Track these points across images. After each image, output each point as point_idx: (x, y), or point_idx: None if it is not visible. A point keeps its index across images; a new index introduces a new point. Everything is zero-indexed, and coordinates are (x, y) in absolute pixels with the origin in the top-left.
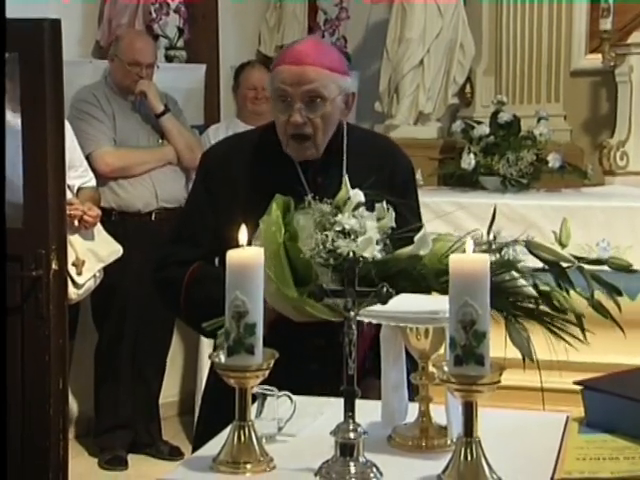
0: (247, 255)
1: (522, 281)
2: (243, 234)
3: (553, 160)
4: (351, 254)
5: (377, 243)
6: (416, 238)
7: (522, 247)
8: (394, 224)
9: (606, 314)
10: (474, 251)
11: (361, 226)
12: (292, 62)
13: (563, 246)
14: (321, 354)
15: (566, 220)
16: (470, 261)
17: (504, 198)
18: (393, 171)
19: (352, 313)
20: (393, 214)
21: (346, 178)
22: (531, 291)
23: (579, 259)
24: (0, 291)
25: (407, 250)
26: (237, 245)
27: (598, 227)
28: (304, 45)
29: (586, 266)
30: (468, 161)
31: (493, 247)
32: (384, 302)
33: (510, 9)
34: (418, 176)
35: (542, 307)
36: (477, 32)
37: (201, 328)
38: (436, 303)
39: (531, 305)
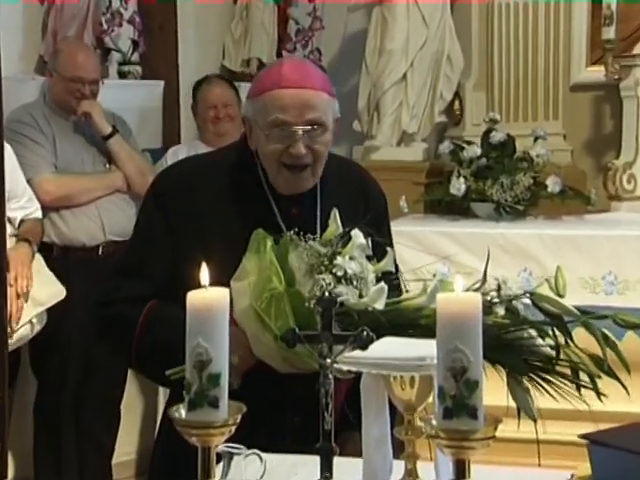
0: (210, 297)
1: (539, 340)
2: (204, 273)
3: (552, 184)
4: (350, 300)
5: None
6: (429, 290)
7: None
8: (393, 268)
9: (617, 378)
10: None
11: (362, 270)
12: (290, 85)
13: (560, 297)
14: (303, 405)
15: (560, 268)
16: (460, 301)
17: (498, 227)
18: (367, 203)
19: (328, 360)
20: (392, 255)
21: (336, 212)
22: (549, 351)
23: (584, 313)
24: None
25: (416, 302)
26: (198, 285)
27: (604, 258)
28: (294, 65)
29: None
30: (458, 186)
31: (501, 299)
32: (364, 347)
33: (502, 17)
34: (402, 203)
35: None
36: (466, 43)
37: (156, 377)
38: (423, 348)
39: (547, 366)
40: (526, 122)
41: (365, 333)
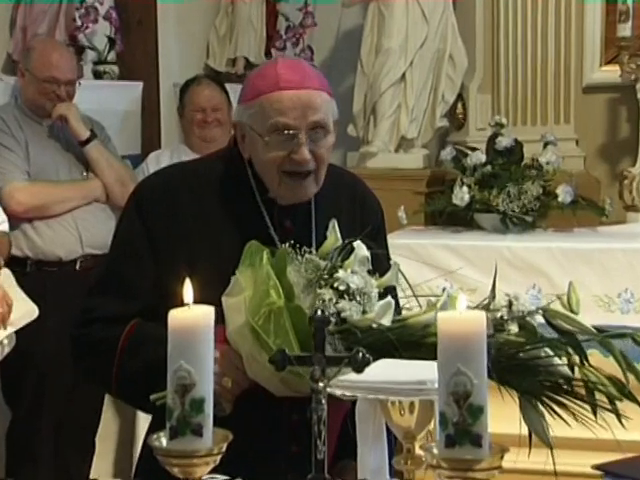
0: (193, 316)
1: (556, 360)
2: (188, 289)
3: (563, 193)
4: (354, 317)
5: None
6: (438, 306)
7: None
8: (396, 282)
9: (638, 403)
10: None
11: (366, 284)
12: (290, 86)
13: (574, 314)
14: (300, 433)
15: (573, 284)
16: (462, 320)
17: (505, 240)
18: (363, 214)
19: (321, 384)
20: (396, 270)
21: (335, 222)
22: (567, 371)
23: (600, 331)
24: None
25: (424, 318)
26: (181, 303)
27: (619, 274)
28: (290, 64)
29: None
30: (461, 195)
31: (512, 315)
32: (360, 370)
33: (509, 13)
34: (401, 214)
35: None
36: (470, 40)
37: (139, 403)
38: (423, 371)
39: (565, 387)
40: (535, 126)
41: (360, 354)
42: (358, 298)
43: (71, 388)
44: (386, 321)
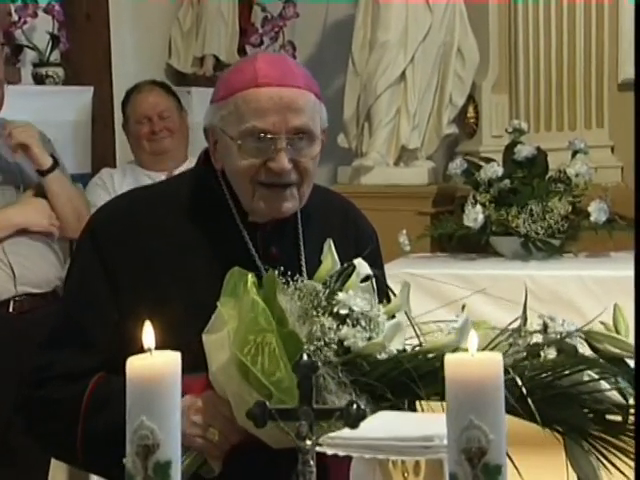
0: (156, 363)
1: (604, 384)
2: (149, 332)
3: (597, 211)
4: (359, 345)
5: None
6: (457, 326)
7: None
8: (408, 308)
9: None
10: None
11: (372, 308)
12: (269, 83)
13: None
14: None
15: (618, 306)
16: (474, 363)
17: (527, 267)
18: (357, 243)
19: (309, 442)
20: (407, 292)
21: (331, 243)
22: (618, 397)
23: None
24: None
25: (442, 342)
26: (142, 349)
27: None
28: (271, 59)
29: None
30: (474, 216)
31: (547, 339)
32: (354, 425)
33: None
34: (403, 239)
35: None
36: (482, 32)
37: (111, 471)
38: (429, 425)
39: (617, 418)
40: (561, 132)
41: (355, 406)
42: (363, 323)
43: (8, 458)
44: (397, 344)
